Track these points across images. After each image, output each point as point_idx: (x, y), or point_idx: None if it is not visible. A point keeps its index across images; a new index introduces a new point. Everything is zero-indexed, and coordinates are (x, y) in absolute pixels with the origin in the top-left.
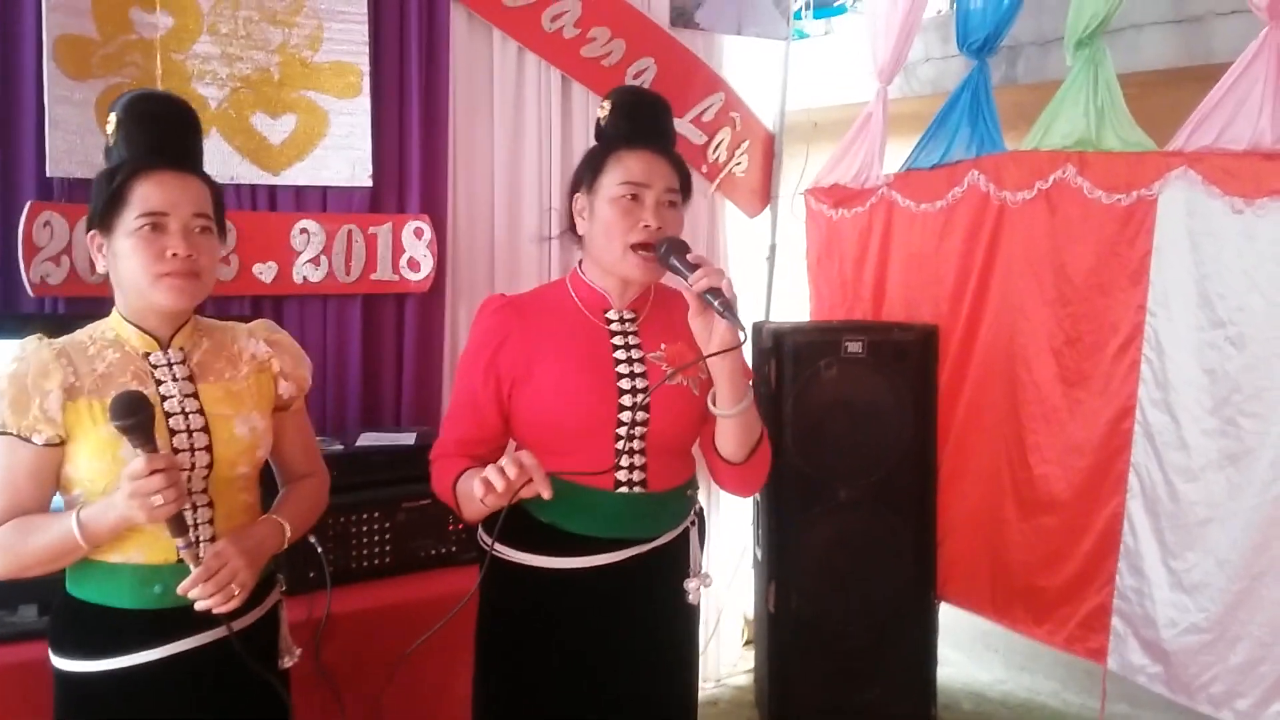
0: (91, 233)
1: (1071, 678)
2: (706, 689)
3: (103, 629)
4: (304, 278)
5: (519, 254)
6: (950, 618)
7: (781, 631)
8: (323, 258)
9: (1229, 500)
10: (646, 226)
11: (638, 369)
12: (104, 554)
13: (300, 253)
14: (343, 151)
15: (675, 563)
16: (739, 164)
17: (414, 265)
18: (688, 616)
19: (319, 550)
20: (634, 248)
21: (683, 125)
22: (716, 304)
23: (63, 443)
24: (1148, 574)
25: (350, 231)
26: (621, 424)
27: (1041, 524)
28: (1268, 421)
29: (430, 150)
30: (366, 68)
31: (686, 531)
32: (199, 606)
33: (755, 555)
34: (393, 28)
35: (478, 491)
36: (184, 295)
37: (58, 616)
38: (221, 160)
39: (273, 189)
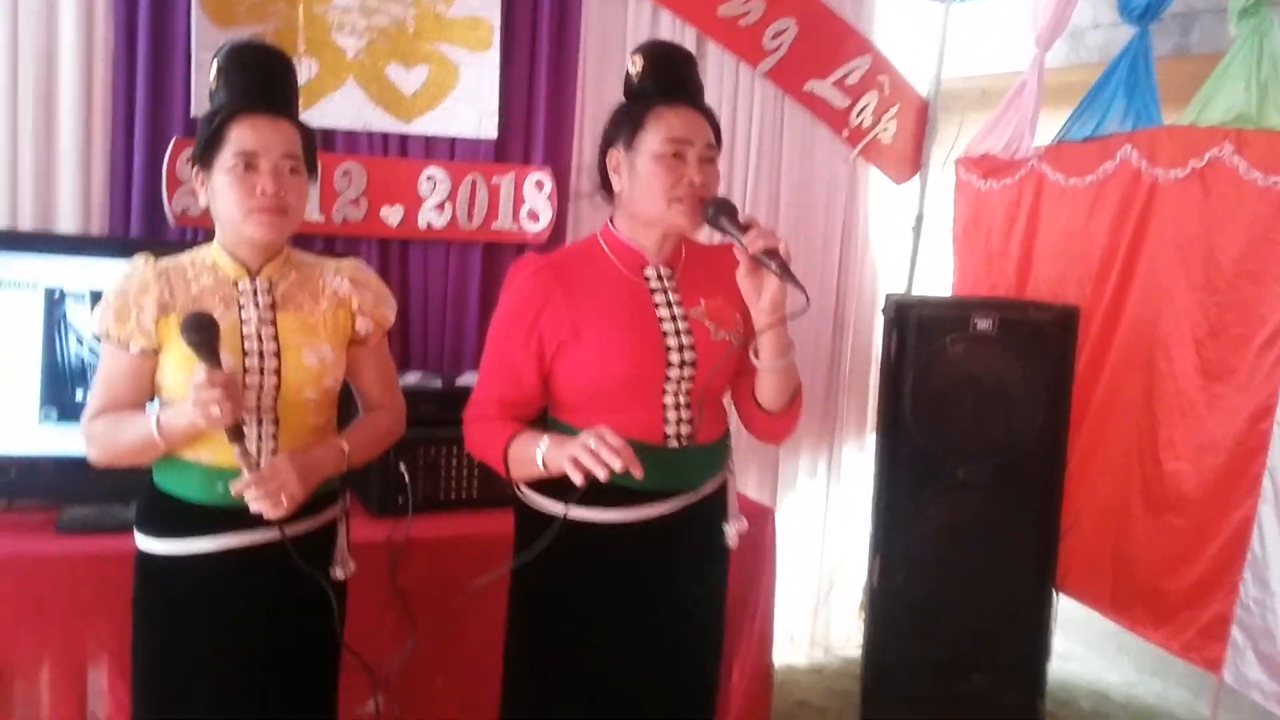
0: (195, 169)
1: (1205, 688)
2: (816, 656)
3: (175, 516)
4: (428, 223)
5: None
6: (1083, 614)
7: (885, 608)
8: (447, 204)
9: None
10: (691, 183)
11: (682, 326)
12: (182, 452)
13: (426, 199)
14: (471, 103)
15: (717, 509)
16: (886, 129)
17: (534, 216)
18: (724, 560)
19: (405, 478)
20: (676, 200)
21: (824, 88)
22: (774, 265)
23: (156, 352)
24: (1273, 586)
25: (475, 181)
26: (669, 380)
27: (1168, 523)
28: None
29: (556, 105)
30: (498, 22)
31: (725, 480)
32: (252, 509)
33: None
34: None
35: (571, 473)
36: (271, 229)
37: (143, 501)
38: (356, 108)
39: (404, 137)
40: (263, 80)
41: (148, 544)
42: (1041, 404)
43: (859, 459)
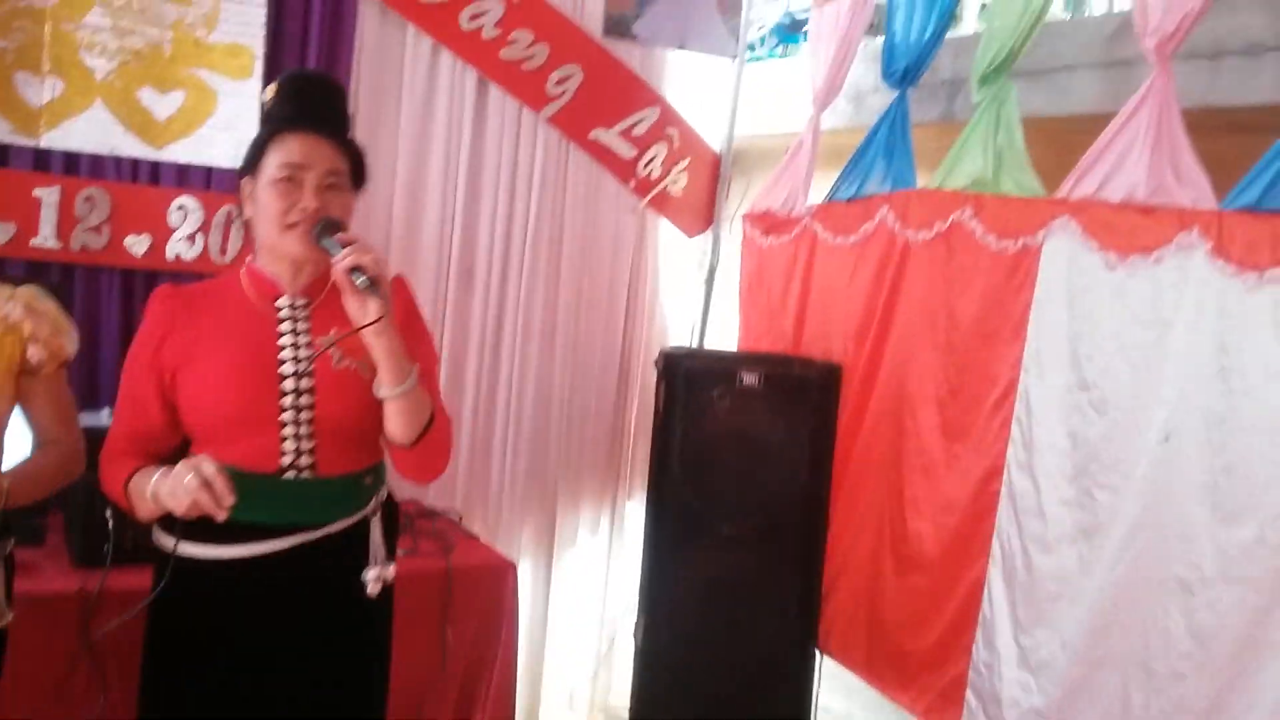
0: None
1: None
2: (595, 718)
3: None
4: (177, 255)
5: (418, 251)
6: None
7: (649, 668)
8: (199, 235)
9: (1080, 577)
10: (304, 209)
11: (303, 354)
12: None
13: (176, 229)
14: (229, 132)
15: (352, 552)
16: (676, 182)
17: None
18: (369, 610)
19: (110, 525)
20: (290, 227)
21: (609, 136)
22: (359, 280)
23: None
24: (999, 648)
25: (230, 211)
26: (284, 409)
27: (912, 583)
28: (1120, 495)
29: None
30: (261, 51)
31: (366, 521)
32: None
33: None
34: (296, 14)
35: (177, 510)
36: None
37: None
38: (103, 131)
39: (155, 164)
40: (314, 101)
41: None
42: (805, 460)
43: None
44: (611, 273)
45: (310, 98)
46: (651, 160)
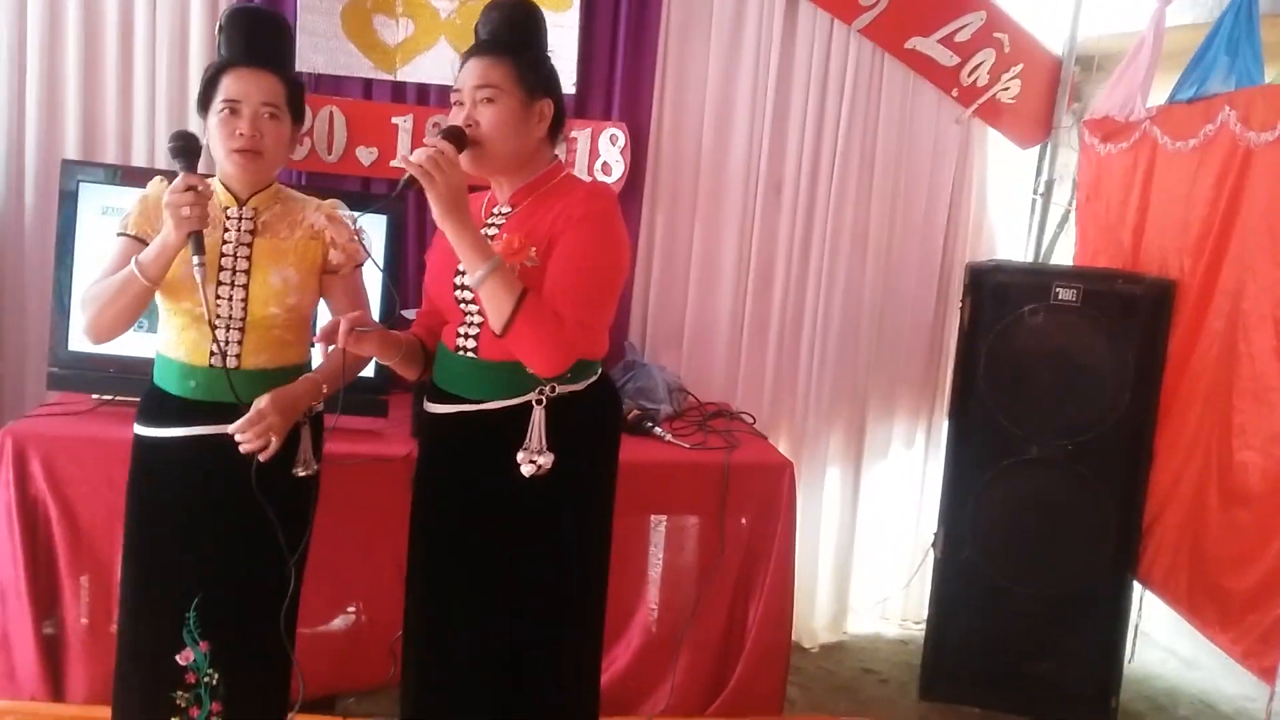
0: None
1: None
2: (908, 629)
3: (159, 406)
4: None
5: (725, 170)
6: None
7: (947, 583)
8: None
9: None
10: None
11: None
12: (167, 350)
13: None
14: (555, 60)
15: (512, 433)
16: (1007, 89)
17: (606, 169)
18: (533, 491)
19: None
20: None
21: (928, 45)
22: (403, 178)
23: None
24: None
25: None
26: (460, 301)
27: (1237, 517)
28: None
29: (636, 63)
30: None
31: (528, 406)
32: (243, 450)
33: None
34: None
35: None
36: (245, 168)
37: (143, 396)
38: (448, 64)
39: None
40: (251, 37)
41: (140, 429)
42: (1128, 382)
43: None
44: (931, 185)
45: (489, 22)
46: (978, 67)
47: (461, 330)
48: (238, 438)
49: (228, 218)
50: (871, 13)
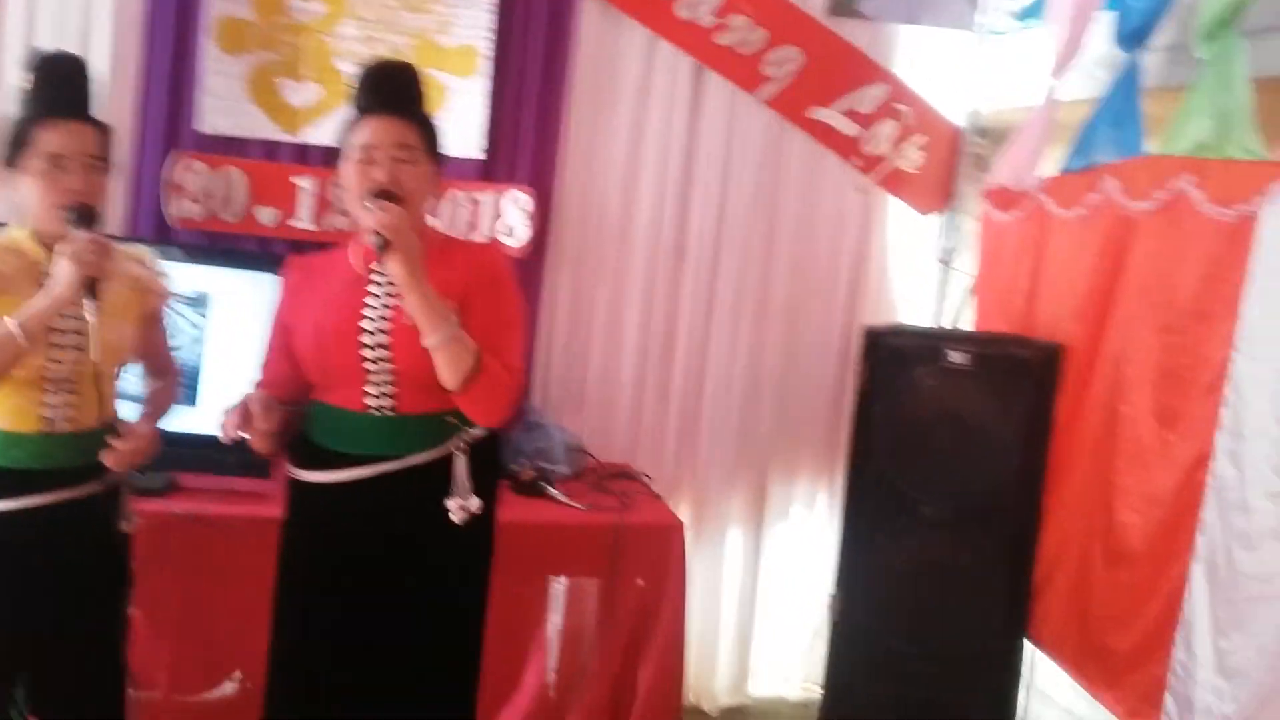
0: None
1: None
2: (811, 691)
3: None
4: None
5: (630, 233)
6: None
7: (842, 647)
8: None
9: None
10: (375, 180)
11: (385, 313)
12: None
13: None
14: (457, 126)
15: (436, 483)
16: (908, 158)
17: (510, 231)
18: (458, 540)
19: None
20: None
21: (829, 114)
22: (374, 241)
23: None
24: (1196, 651)
25: (457, 196)
26: (365, 360)
27: (1119, 577)
28: None
29: (542, 128)
30: (487, 50)
31: (450, 457)
32: (109, 462)
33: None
34: (520, 15)
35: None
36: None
37: None
38: None
39: None
40: (65, 87)
41: None
42: (1019, 444)
43: None
44: (833, 251)
45: (386, 83)
46: (878, 137)
47: (372, 390)
48: (112, 455)
49: (44, 274)
50: (775, 84)
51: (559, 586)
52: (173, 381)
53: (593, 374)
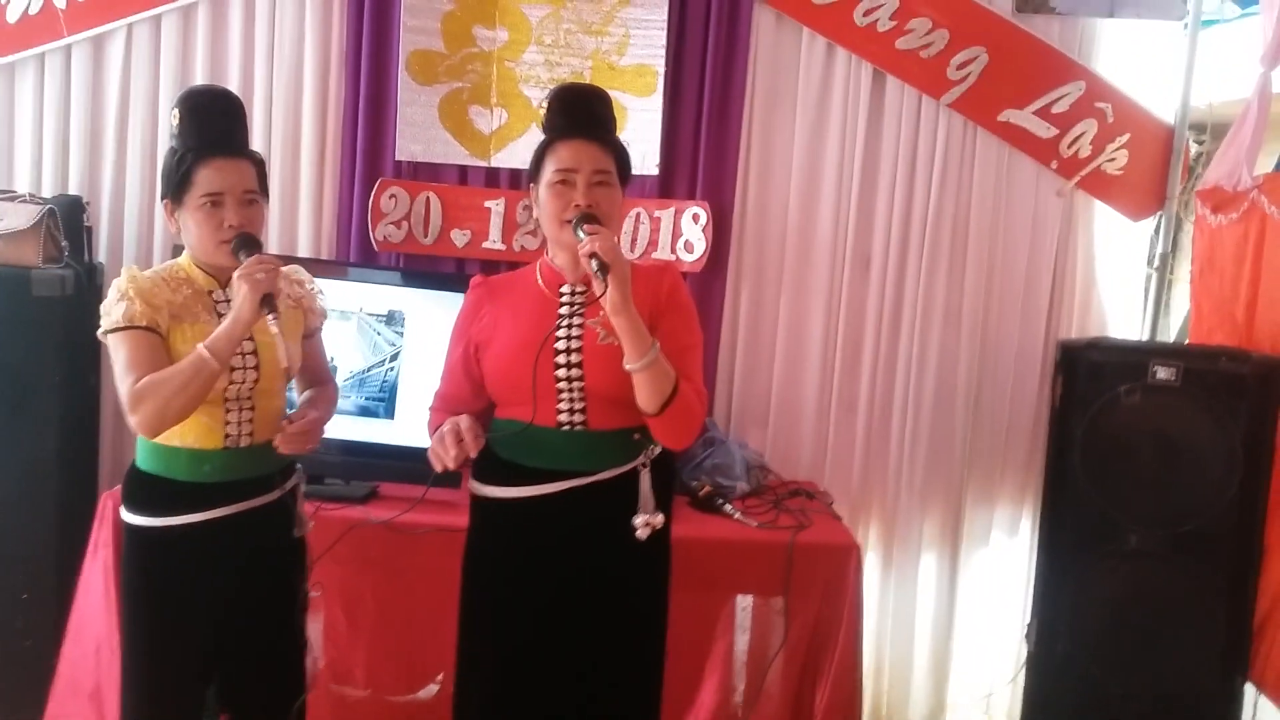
0: (165, 200)
1: None
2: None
3: (163, 494)
4: None
5: (811, 245)
6: None
7: (1042, 678)
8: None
9: None
10: (577, 205)
11: (575, 333)
12: (168, 439)
13: None
14: (635, 144)
15: (622, 499)
16: (1112, 160)
17: (689, 247)
18: (641, 555)
19: None
20: (566, 222)
21: (1023, 117)
22: (593, 265)
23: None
24: None
25: (638, 214)
26: (559, 379)
27: None
28: None
29: (719, 142)
30: (662, 69)
31: (636, 472)
32: (284, 450)
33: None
34: (695, 31)
35: (432, 460)
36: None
37: (129, 482)
38: None
39: None
40: (221, 124)
41: (136, 519)
42: (1235, 468)
43: None
44: (1031, 260)
45: (578, 107)
46: (1078, 138)
47: (564, 407)
48: (285, 437)
49: (216, 301)
50: (960, 87)
51: (744, 604)
52: (333, 388)
53: (776, 390)
